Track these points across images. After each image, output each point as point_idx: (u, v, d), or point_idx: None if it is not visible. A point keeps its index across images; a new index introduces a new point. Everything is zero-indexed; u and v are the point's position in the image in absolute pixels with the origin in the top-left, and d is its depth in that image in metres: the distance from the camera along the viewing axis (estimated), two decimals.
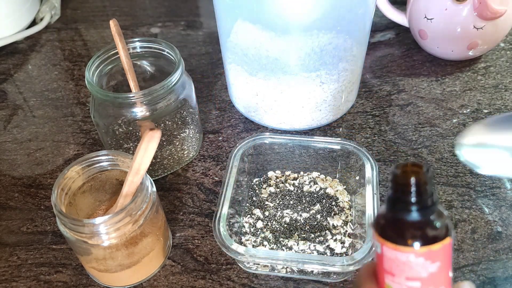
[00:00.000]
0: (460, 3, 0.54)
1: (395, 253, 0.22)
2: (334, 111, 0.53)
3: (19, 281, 0.42)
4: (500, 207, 0.45)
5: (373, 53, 0.65)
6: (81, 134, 0.56)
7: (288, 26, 0.44)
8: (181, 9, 0.76)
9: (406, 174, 0.22)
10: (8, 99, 0.61)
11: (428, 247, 0.22)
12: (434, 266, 0.22)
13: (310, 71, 0.47)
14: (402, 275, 0.23)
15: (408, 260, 0.22)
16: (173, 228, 0.46)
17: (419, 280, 0.22)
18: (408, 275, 0.22)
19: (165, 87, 0.43)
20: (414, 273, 0.22)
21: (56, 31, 0.73)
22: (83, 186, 0.40)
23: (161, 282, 0.42)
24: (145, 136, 0.35)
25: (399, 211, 0.22)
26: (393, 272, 0.23)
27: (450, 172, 0.49)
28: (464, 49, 0.58)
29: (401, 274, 0.23)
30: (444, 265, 0.22)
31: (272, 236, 0.43)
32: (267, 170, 0.49)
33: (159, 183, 0.50)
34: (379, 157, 0.51)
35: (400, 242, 0.22)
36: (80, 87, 0.63)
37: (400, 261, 0.22)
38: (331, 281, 0.41)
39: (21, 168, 0.52)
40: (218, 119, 0.56)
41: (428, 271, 0.22)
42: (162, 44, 0.47)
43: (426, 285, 0.22)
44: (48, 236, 0.45)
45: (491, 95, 0.57)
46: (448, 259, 0.23)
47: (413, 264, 0.22)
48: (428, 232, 0.22)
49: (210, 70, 0.64)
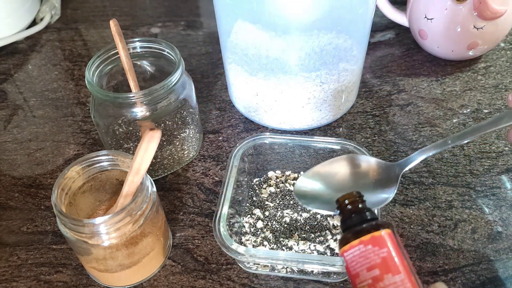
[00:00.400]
0: (460, 3, 0.54)
1: (351, 252, 0.28)
2: (334, 111, 0.53)
3: (19, 281, 0.42)
4: (500, 207, 0.45)
5: (373, 53, 0.65)
6: (81, 134, 0.56)
7: (288, 26, 0.44)
8: (181, 9, 0.76)
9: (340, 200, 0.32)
10: (8, 99, 0.61)
11: (371, 234, 0.28)
12: (383, 251, 0.27)
13: (310, 71, 0.47)
14: (363, 269, 0.27)
15: (361, 251, 0.28)
16: (173, 228, 0.46)
17: (376, 267, 0.27)
18: (367, 265, 0.27)
19: (165, 87, 0.43)
20: (371, 261, 0.27)
21: (56, 31, 0.73)
22: (83, 186, 0.40)
23: (161, 282, 0.42)
24: (145, 136, 0.35)
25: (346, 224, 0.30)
26: (356, 271, 0.28)
27: (450, 172, 0.49)
28: (464, 49, 0.58)
29: (362, 269, 0.27)
30: (394, 253, 0.28)
31: (272, 236, 0.43)
32: (267, 170, 0.49)
33: (159, 183, 0.50)
34: (379, 157, 0.51)
35: (351, 240, 0.29)
36: (80, 87, 0.63)
37: (356, 256, 0.28)
38: (331, 281, 0.41)
39: (21, 168, 0.52)
40: (218, 119, 0.56)
41: (380, 256, 0.27)
42: (162, 44, 0.47)
43: (384, 271, 0.27)
44: (48, 236, 0.45)
45: (491, 95, 0.57)
46: (396, 247, 0.28)
47: (366, 253, 0.28)
48: (368, 226, 0.29)
49: (210, 70, 0.64)
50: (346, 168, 0.36)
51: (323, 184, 0.35)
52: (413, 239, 0.43)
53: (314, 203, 0.35)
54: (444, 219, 0.45)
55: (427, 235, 0.43)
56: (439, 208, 0.46)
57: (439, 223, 0.44)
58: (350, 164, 0.36)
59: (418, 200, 0.46)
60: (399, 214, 0.45)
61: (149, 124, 0.44)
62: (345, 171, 0.35)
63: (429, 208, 0.46)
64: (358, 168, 0.36)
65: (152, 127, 0.44)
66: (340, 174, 0.35)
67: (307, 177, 0.36)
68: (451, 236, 0.43)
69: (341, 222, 0.32)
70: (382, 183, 0.35)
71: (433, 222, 0.44)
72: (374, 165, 0.36)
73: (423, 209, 0.46)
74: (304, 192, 0.35)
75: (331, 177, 0.35)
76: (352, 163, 0.36)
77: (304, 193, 0.35)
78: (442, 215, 0.45)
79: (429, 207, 0.46)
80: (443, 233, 0.44)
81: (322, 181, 0.35)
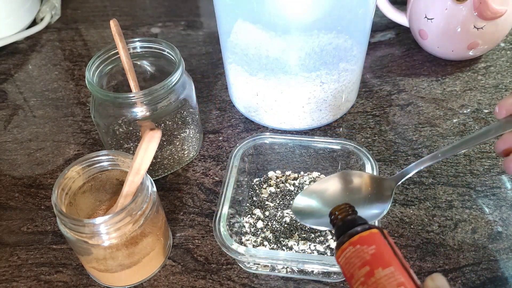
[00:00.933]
0: (461, 3, 0.54)
1: (343, 255, 0.29)
2: (334, 111, 0.53)
3: (19, 281, 0.42)
4: (501, 207, 0.45)
5: (373, 53, 0.65)
6: (82, 134, 0.56)
7: (288, 26, 0.44)
8: (181, 9, 0.76)
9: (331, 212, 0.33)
10: (8, 99, 0.61)
11: (359, 235, 0.29)
12: (372, 248, 0.28)
13: (310, 71, 0.47)
14: (355, 268, 0.28)
15: (351, 252, 0.29)
16: (174, 228, 0.46)
17: (366, 264, 0.28)
18: (358, 264, 0.28)
19: (166, 87, 0.43)
20: (361, 259, 0.28)
21: (56, 31, 0.73)
22: (83, 186, 0.40)
23: (162, 282, 0.42)
24: (145, 136, 0.35)
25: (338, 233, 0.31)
26: (350, 272, 0.28)
27: (451, 172, 0.49)
28: (464, 49, 0.58)
29: (354, 269, 0.28)
30: (383, 249, 0.28)
31: (272, 236, 0.43)
32: (268, 170, 0.49)
33: (159, 183, 0.50)
34: (379, 157, 0.51)
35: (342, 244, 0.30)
36: (81, 87, 0.63)
37: (348, 258, 0.29)
38: (331, 281, 0.41)
39: (21, 168, 0.52)
40: (218, 119, 0.56)
41: (369, 253, 0.28)
42: (163, 44, 0.47)
43: (374, 266, 0.27)
44: (49, 236, 0.46)
45: (491, 95, 0.57)
46: (384, 244, 0.29)
47: (356, 252, 0.29)
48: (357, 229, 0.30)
49: (210, 70, 0.64)
50: (340, 185, 0.37)
51: (319, 201, 0.36)
52: (413, 239, 0.43)
53: (311, 220, 0.36)
54: (444, 219, 0.45)
55: (427, 235, 0.44)
56: (439, 208, 0.46)
57: (439, 223, 0.44)
58: (344, 180, 0.37)
59: (418, 200, 0.46)
60: (399, 214, 0.45)
61: (149, 124, 0.44)
62: (339, 187, 0.37)
63: (429, 208, 0.46)
64: (352, 183, 0.37)
65: (152, 127, 0.44)
66: (334, 190, 0.37)
67: (303, 195, 0.37)
68: (451, 236, 0.43)
69: (334, 233, 0.33)
70: (377, 197, 0.36)
71: (433, 222, 0.44)
72: (368, 180, 0.37)
73: (423, 209, 0.46)
74: (301, 210, 0.37)
75: (326, 194, 0.36)
76: (346, 179, 0.37)
77: (301, 211, 0.37)
78: (442, 215, 0.45)
79: (429, 207, 0.46)
80: (443, 233, 0.44)
81: (317, 198, 0.36)
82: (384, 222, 0.45)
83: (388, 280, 0.27)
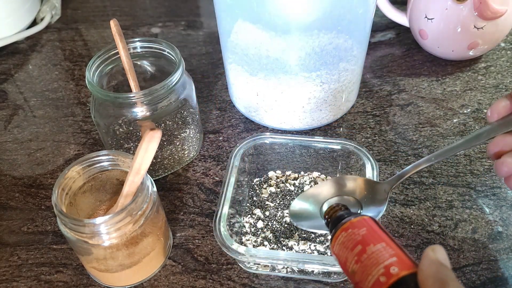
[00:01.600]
0: (461, 3, 0.54)
1: (337, 242, 0.30)
2: (334, 111, 0.53)
3: (19, 281, 0.42)
4: (501, 207, 0.45)
5: (374, 53, 0.65)
6: (82, 134, 0.56)
7: (288, 26, 0.44)
8: (182, 9, 0.76)
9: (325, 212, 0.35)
10: (8, 99, 0.61)
11: (349, 221, 0.31)
12: (363, 230, 0.30)
13: (311, 71, 0.47)
14: (348, 251, 0.29)
15: (344, 237, 0.30)
16: (174, 228, 0.46)
17: (358, 243, 0.29)
18: (350, 246, 0.29)
19: (166, 87, 0.43)
20: (353, 241, 0.29)
21: (56, 31, 0.73)
22: (83, 186, 0.40)
23: (162, 282, 0.42)
24: (145, 136, 0.35)
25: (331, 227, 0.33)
26: (345, 256, 0.29)
27: (451, 172, 0.49)
28: (464, 49, 0.58)
29: (348, 252, 0.29)
30: (374, 229, 0.30)
31: (272, 236, 0.43)
32: (268, 170, 0.49)
33: (159, 183, 0.50)
34: (379, 157, 0.51)
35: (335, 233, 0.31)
36: (81, 87, 0.63)
37: (341, 243, 0.30)
38: (332, 281, 0.41)
39: (21, 168, 0.52)
40: (219, 119, 0.56)
41: (360, 234, 0.29)
42: (163, 44, 0.47)
43: (366, 244, 0.29)
44: (49, 236, 0.46)
45: (491, 95, 0.57)
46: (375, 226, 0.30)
47: (348, 236, 0.30)
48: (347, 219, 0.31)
49: (210, 70, 0.64)
50: (335, 189, 0.37)
51: (315, 205, 0.37)
52: (413, 239, 0.43)
53: (308, 223, 0.37)
54: (444, 219, 0.45)
55: (427, 235, 0.43)
56: (439, 208, 0.46)
57: (439, 223, 0.44)
58: (339, 184, 0.37)
59: (418, 200, 0.46)
60: (400, 214, 0.45)
61: (149, 124, 0.44)
62: (334, 192, 0.37)
63: (429, 208, 0.46)
64: (347, 188, 0.37)
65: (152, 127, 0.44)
66: (330, 195, 0.37)
67: (300, 200, 0.38)
68: (451, 236, 0.43)
69: (329, 230, 0.34)
70: (372, 201, 0.37)
71: (434, 222, 0.44)
72: (363, 184, 0.37)
73: (423, 209, 0.46)
74: (297, 214, 0.38)
75: (321, 197, 0.37)
76: (341, 184, 0.37)
77: (298, 215, 0.37)
78: (442, 215, 0.45)
79: (429, 207, 0.46)
80: (444, 233, 0.44)
81: (313, 202, 0.37)
82: (384, 222, 0.45)
83: (379, 254, 0.27)
